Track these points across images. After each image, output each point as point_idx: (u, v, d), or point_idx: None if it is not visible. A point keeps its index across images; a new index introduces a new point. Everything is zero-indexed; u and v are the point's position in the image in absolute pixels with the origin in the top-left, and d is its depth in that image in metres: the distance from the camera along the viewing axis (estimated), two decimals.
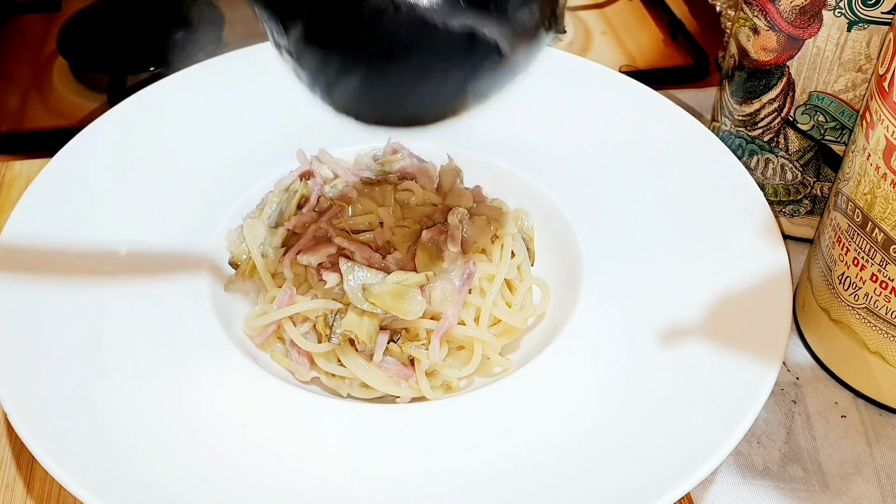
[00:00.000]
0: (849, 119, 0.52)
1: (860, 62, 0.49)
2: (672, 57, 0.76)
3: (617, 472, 0.40)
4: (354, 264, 0.47)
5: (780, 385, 0.50)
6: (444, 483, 0.40)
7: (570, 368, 0.45)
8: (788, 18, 0.50)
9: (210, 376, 0.44)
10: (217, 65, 0.62)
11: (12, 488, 0.46)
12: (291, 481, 0.40)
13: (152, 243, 0.50)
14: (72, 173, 0.53)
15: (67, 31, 0.75)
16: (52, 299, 0.46)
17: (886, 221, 0.43)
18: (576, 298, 0.49)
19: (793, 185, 0.56)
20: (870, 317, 0.46)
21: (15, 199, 0.61)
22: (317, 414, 0.43)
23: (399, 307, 0.46)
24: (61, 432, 0.41)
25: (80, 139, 0.55)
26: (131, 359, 0.45)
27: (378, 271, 0.47)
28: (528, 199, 0.55)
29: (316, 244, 0.48)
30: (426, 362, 0.46)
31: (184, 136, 0.57)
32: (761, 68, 0.53)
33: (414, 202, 0.53)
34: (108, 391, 0.43)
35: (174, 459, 0.40)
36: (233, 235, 0.52)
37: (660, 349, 0.45)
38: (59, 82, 0.74)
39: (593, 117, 0.58)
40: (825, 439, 0.48)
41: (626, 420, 0.42)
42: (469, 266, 0.48)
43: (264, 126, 0.58)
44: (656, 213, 0.52)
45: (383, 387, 0.46)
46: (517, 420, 0.43)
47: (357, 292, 0.46)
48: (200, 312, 0.47)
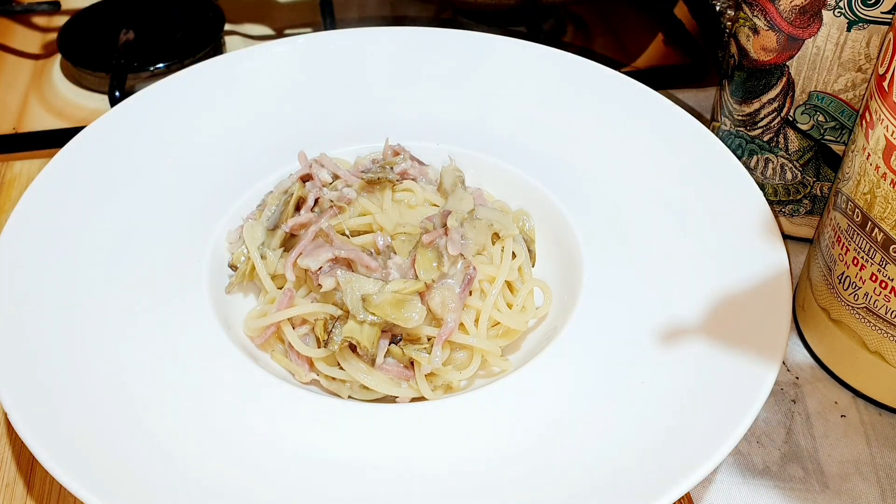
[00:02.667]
0: (848, 119, 0.52)
1: (860, 62, 0.49)
2: (672, 57, 0.76)
3: (617, 472, 0.40)
4: (352, 275, 0.47)
5: (779, 385, 0.50)
6: (443, 483, 0.40)
7: (569, 368, 0.45)
8: (788, 18, 0.50)
9: (210, 376, 0.44)
10: (217, 65, 0.62)
11: (12, 488, 0.46)
12: (291, 481, 0.40)
13: (152, 243, 0.50)
14: (72, 173, 0.53)
15: (67, 31, 0.75)
16: (52, 299, 0.46)
17: (886, 221, 0.43)
18: (576, 298, 0.49)
19: (792, 185, 0.56)
20: (869, 316, 0.46)
21: (15, 199, 0.61)
22: (317, 414, 0.43)
23: (399, 315, 0.46)
24: (61, 432, 0.41)
25: (80, 139, 0.55)
26: (132, 359, 0.45)
27: (377, 280, 0.47)
28: (527, 198, 0.55)
29: (316, 248, 0.48)
30: (427, 366, 0.46)
31: (184, 136, 0.57)
32: (761, 68, 0.53)
33: (414, 203, 0.53)
34: (108, 391, 0.43)
35: (174, 459, 0.40)
36: (233, 236, 0.52)
37: (660, 349, 0.45)
38: (59, 82, 0.74)
39: (593, 117, 0.58)
40: (825, 439, 0.48)
41: (626, 420, 0.42)
42: (469, 270, 0.48)
43: (264, 126, 0.58)
44: (656, 213, 0.52)
45: (383, 388, 0.46)
46: (517, 420, 0.43)
47: (357, 303, 0.46)
48: (201, 312, 0.47)
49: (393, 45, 0.64)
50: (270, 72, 0.62)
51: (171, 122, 0.58)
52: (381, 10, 0.82)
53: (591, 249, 0.51)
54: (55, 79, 0.74)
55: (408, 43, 0.64)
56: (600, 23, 0.81)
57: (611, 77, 0.61)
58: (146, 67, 0.71)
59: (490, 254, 0.51)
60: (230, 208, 0.53)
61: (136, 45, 0.73)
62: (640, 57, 0.77)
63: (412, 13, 0.82)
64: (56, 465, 0.39)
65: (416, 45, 0.63)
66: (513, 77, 0.61)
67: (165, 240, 0.51)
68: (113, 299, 0.47)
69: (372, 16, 0.82)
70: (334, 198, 0.52)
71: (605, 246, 0.51)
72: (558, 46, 0.63)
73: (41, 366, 0.43)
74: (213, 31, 0.75)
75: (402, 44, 0.64)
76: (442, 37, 0.64)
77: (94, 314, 0.46)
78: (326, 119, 0.59)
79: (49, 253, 0.49)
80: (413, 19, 0.81)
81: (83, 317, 0.46)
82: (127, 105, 0.58)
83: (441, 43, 0.64)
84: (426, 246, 0.48)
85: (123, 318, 0.46)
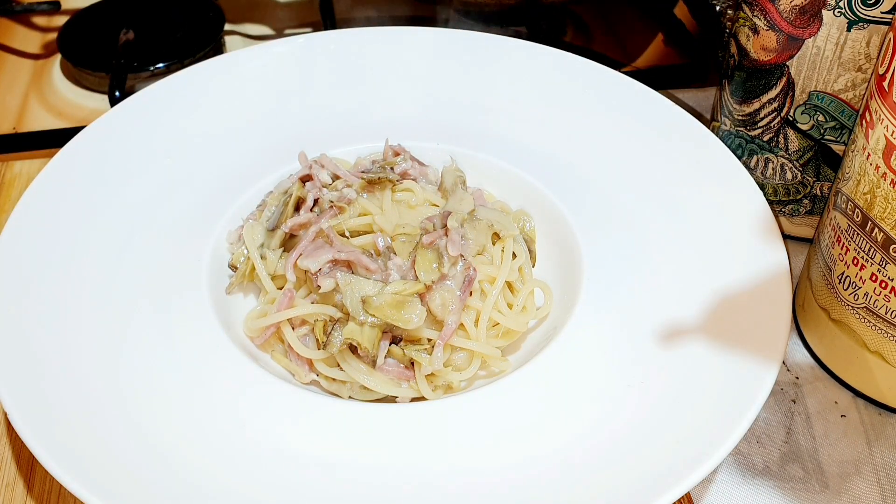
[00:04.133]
0: (848, 119, 0.52)
1: (860, 62, 0.49)
2: (672, 57, 0.76)
3: (617, 472, 0.40)
4: (352, 276, 0.47)
5: (779, 385, 0.50)
6: (444, 482, 0.40)
7: (569, 368, 0.45)
8: (788, 18, 0.50)
9: (210, 377, 0.44)
10: (217, 65, 0.62)
11: (12, 488, 0.46)
12: (291, 481, 0.40)
13: (152, 243, 0.50)
14: (71, 173, 0.53)
15: (67, 31, 0.75)
16: (52, 299, 0.46)
17: (886, 221, 0.43)
18: (576, 298, 0.49)
19: (792, 185, 0.56)
20: (869, 316, 0.46)
21: (15, 199, 0.61)
22: (317, 414, 0.43)
23: (399, 317, 0.46)
24: (61, 432, 0.41)
25: (80, 139, 0.55)
26: (131, 359, 0.45)
27: (377, 282, 0.47)
28: (527, 198, 0.55)
29: (316, 249, 0.48)
30: (427, 367, 0.46)
31: (184, 136, 0.57)
32: (761, 68, 0.53)
33: (414, 203, 0.53)
34: (108, 391, 0.43)
35: (174, 459, 0.40)
36: (233, 237, 0.52)
37: (660, 349, 0.45)
38: (59, 82, 0.74)
39: (593, 117, 0.58)
40: (825, 439, 0.48)
41: (626, 419, 0.42)
42: (469, 271, 0.48)
43: (264, 126, 0.58)
44: (656, 213, 0.52)
45: (384, 389, 0.46)
46: (516, 420, 0.43)
47: (357, 305, 0.46)
48: (201, 312, 0.47)
49: (393, 45, 0.64)
50: (270, 72, 0.62)
51: (171, 122, 0.58)
52: (380, 10, 0.82)
53: (590, 249, 0.51)
54: (55, 79, 0.74)
55: (408, 43, 0.64)
56: (600, 23, 0.81)
57: (611, 77, 0.61)
58: (146, 67, 0.71)
59: (490, 254, 0.51)
60: (230, 208, 0.53)
61: (136, 45, 0.73)
62: (640, 57, 0.77)
63: (412, 13, 0.82)
64: (56, 465, 0.39)
65: (416, 45, 0.63)
66: (513, 77, 0.61)
67: (165, 240, 0.51)
68: (113, 299, 0.47)
69: (372, 16, 0.82)
70: (334, 198, 0.52)
71: (605, 246, 0.51)
72: (558, 46, 0.63)
73: (41, 366, 0.43)
74: (213, 31, 0.75)
75: (401, 44, 0.64)
76: (442, 37, 0.64)
77: (94, 314, 0.46)
78: (326, 119, 0.59)
79: (49, 253, 0.49)
80: (413, 19, 0.81)
81: (83, 317, 0.46)
82: (127, 105, 0.58)
83: (441, 43, 0.64)
84: (426, 247, 0.48)
85: (123, 318, 0.46)
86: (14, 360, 0.43)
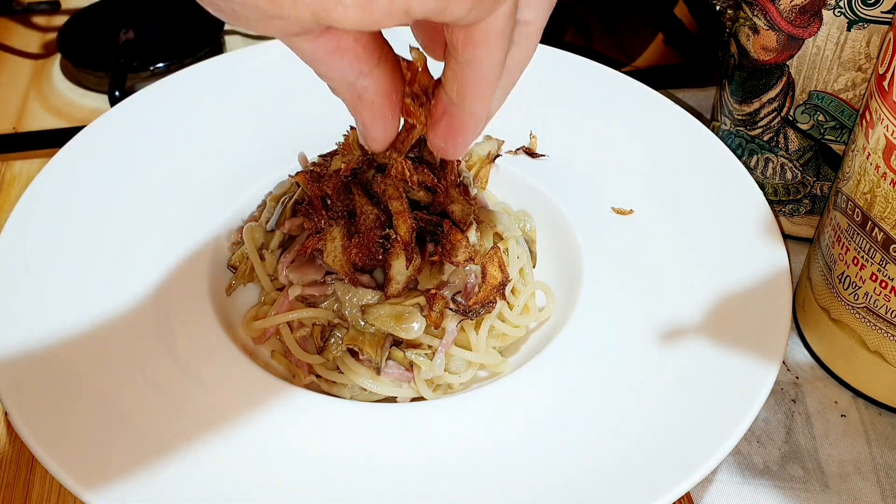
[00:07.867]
0: (848, 118, 0.52)
1: (860, 61, 0.49)
2: (672, 57, 0.76)
3: (617, 472, 0.40)
4: (350, 286, 0.46)
5: (779, 384, 0.50)
6: (443, 482, 0.40)
7: (569, 368, 0.45)
8: (788, 18, 0.50)
9: (210, 376, 0.44)
10: (217, 65, 0.62)
11: (12, 488, 0.46)
12: (291, 480, 0.40)
13: (152, 243, 0.50)
14: (72, 173, 0.53)
15: (67, 30, 0.75)
16: (52, 299, 0.46)
17: (886, 221, 0.43)
18: (576, 298, 0.49)
19: (792, 185, 0.56)
20: (869, 316, 0.46)
21: (15, 199, 0.61)
22: (317, 413, 0.43)
23: (399, 327, 0.45)
24: (61, 432, 0.41)
25: (80, 139, 0.55)
26: (132, 359, 0.44)
27: (376, 291, 0.46)
28: (527, 198, 0.55)
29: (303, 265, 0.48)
30: (427, 373, 0.46)
31: (184, 136, 0.57)
32: (761, 68, 0.53)
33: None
34: (108, 391, 0.43)
35: (174, 459, 0.40)
36: (233, 237, 0.52)
37: (660, 349, 0.45)
38: (59, 82, 0.74)
39: (593, 117, 0.58)
40: (825, 438, 0.48)
41: (626, 419, 0.42)
42: (469, 278, 0.48)
43: (264, 126, 0.58)
44: (656, 213, 0.52)
45: (383, 390, 0.46)
46: (516, 420, 0.43)
47: (356, 314, 0.46)
48: (201, 312, 0.47)
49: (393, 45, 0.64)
50: (270, 72, 0.62)
51: (171, 122, 0.58)
52: None
53: (590, 249, 0.51)
54: (55, 78, 0.74)
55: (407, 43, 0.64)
56: (600, 23, 0.81)
57: (611, 77, 0.61)
58: (146, 67, 0.71)
59: None
60: (230, 208, 0.53)
61: (136, 45, 0.73)
62: (640, 57, 0.77)
63: None
64: (56, 465, 0.39)
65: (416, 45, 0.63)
66: None
67: (165, 240, 0.51)
68: (113, 299, 0.47)
69: None
70: None
71: (605, 246, 0.51)
72: (558, 46, 0.63)
73: (41, 366, 0.43)
74: (213, 31, 0.75)
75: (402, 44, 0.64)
76: None
77: (94, 314, 0.46)
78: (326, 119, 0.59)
79: (49, 253, 0.49)
80: None
81: (83, 316, 0.46)
82: (127, 105, 0.58)
83: None
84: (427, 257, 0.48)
85: (123, 318, 0.46)
86: (14, 360, 0.43)
